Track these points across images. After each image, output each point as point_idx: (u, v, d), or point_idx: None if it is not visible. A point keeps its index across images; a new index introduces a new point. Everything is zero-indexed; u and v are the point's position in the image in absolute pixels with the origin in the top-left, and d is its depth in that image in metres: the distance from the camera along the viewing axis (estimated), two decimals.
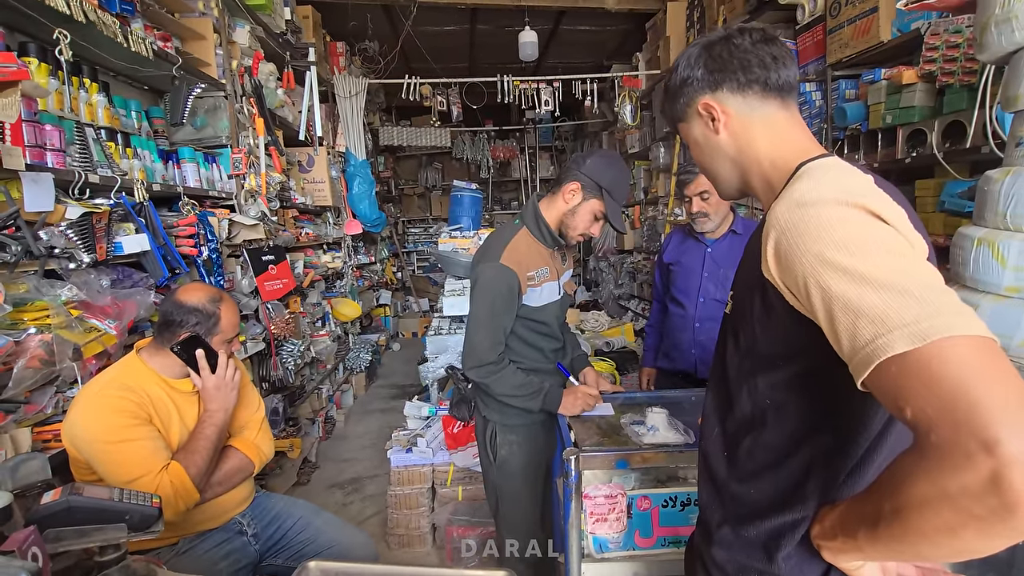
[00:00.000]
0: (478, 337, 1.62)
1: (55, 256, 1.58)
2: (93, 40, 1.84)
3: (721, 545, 0.80)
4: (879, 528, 0.58)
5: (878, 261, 0.56)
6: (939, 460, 0.50)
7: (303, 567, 0.94)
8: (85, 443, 1.36)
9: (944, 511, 0.51)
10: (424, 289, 7.94)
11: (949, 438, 0.49)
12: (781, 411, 0.73)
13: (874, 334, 0.54)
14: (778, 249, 0.64)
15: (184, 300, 1.50)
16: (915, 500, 0.53)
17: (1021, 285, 1.20)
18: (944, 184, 2.14)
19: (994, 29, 1.20)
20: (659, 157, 4.84)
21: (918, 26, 2.17)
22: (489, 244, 1.71)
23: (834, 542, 0.68)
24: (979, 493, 0.47)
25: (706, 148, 0.84)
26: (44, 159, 1.58)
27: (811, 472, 0.71)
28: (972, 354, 0.50)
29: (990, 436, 0.47)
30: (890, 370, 0.53)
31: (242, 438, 1.63)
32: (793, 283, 0.62)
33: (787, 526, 0.72)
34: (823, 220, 0.60)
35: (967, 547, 0.52)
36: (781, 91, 0.78)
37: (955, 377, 0.49)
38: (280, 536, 1.67)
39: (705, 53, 0.81)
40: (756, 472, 0.76)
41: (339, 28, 4.91)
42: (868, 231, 0.58)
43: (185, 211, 2.23)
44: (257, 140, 2.94)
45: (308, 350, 3.48)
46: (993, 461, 0.46)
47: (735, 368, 0.79)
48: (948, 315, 0.52)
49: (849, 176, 0.66)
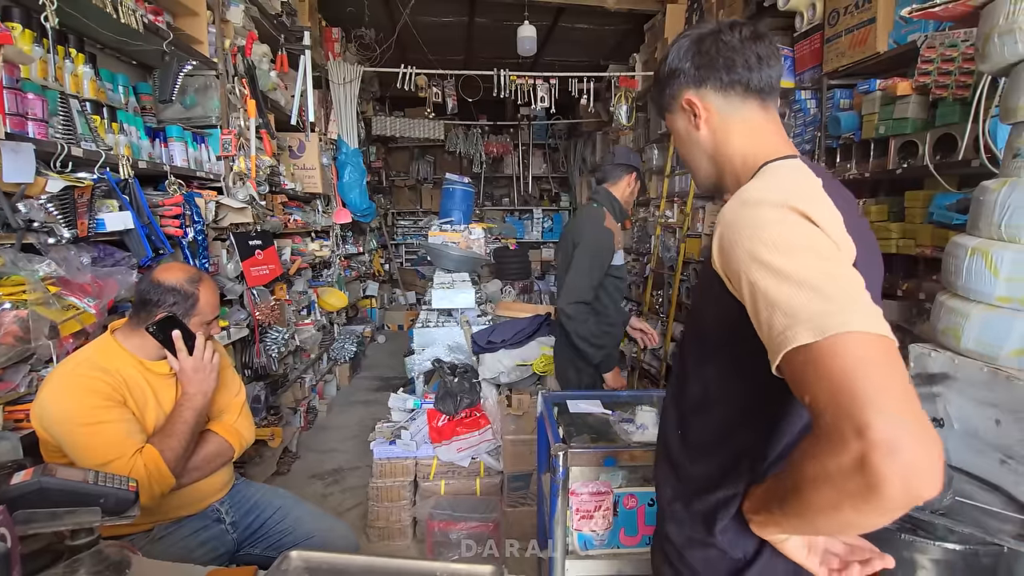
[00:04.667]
0: (582, 281, 2.09)
1: (34, 230, 1.53)
2: (81, 9, 1.78)
3: (673, 520, 0.87)
4: (786, 504, 0.65)
5: (800, 261, 0.61)
6: (824, 442, 0.56)
7: (284, 556, 0.92)
8: (56, 424, 1.31)
9: (826, 488, 0.56)
10: (411, 282, 7.88)
11: (832, 423, 0.54)
12: (724, 394, 0.79)
13: (785, 325, 0.59)
14: (721, 243, 0.69)
15: (162, 279, 1.45)
16: (807, 478, 0.59)
17: (1013, 295, 1.21)
18: (933, 196, 2.17)
19: (997, 40, 1.21)
20: (652, 159, 4.85)
21: (915, 39, 2.19)
22: (589, 215, 2.24)
23: (758, 516, 0.74)
24: (849, 472, 0.53)
25: (687, 141, 0.89)
26: (25, 128, 1.53)
27: (744, 452, 0.78)
28: (863, 350, 0.55)
29: (862, 422, 0.52)
30: (796, 359, 0.58)
31: (221, 422, 1.59)
32: (733, 274, 0.68)
33: (722, 501, 0.79)
34: (759, 220, 0.66)
35: (849, 521, 0.58)
36: (762, 92, 0.82)
37: (843, 369, 0.55)
38: (259, 525, 1.63)
39: (694, 47, 0.83)
40: (701, 450, 0.83)
41: (335, 13, 4.84)
42: (797, 233, 0.63)
43: (171, 191, 2.17)
44: (248, 122, 2.88)
45: (292, 338, 3.42)
46: (862, 444, 0.51)
47: (690, 354, 0.86)
48: (850, 313, 0.57)
49: (796, 179, 0.72)
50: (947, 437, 1.36)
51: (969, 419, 1.31)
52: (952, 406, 1.35)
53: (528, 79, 4.75)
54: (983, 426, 1.28)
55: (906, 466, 0.50)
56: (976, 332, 1.26)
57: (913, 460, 0.50)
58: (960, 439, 1.33)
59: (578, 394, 1.89)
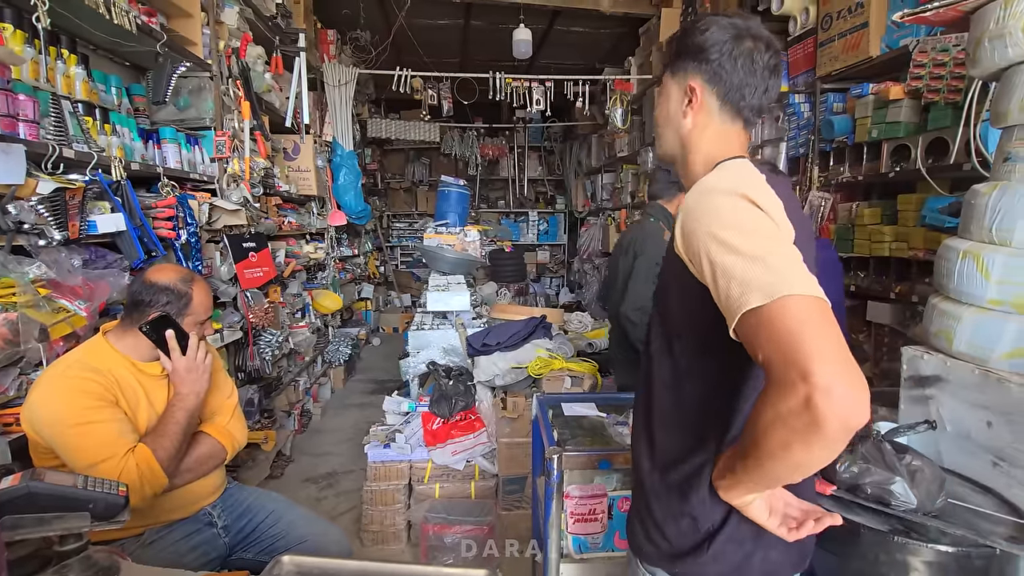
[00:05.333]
0: (647, 290, 2.11)
1: (24, 232, 1.51)
2: (73, 9, 1.77)
3: (652, 493, 0.92)
4: (747, 458, 0.73)
5: (750, 240, 0.71)
6: (775, 390, 0.65)
7: (276, 561, 0.91)
8: (46, 425, 1.29)
9: (779, 430, 0.65)
10: (407, 284, 7.86)
11: (781, 372, 0.64)
12: (689, 371, 0.87)
13: (740, 292, 0.69)
14: (683, 227, 0.78)
15: (155, 279, 1.45)
16: (763, 425, 0.67)
17: (1004, 298, 1.22)
18: (925, 199, 2.18)
19: (987, 44, 1.22)
20: (648, 161, 4.87)
21: (907, 43, 2.21)
22: (650, 230, 2.30)
23: (724, 480, 0.81)
24: (798, 412, 0.62)
25: (669, 112, 0.95)
26: (16, 130, 1.51)
27: (711, 424, 0.86)
28: (804, 310, 0.65)
29: (807, 369, 0.61)
30: (749, 321, 0.68)
31: (214, 424, 1.58)
32: (694, 255, 0.76)
33: (695, 470, 0.86)
34: (715, 205, 0.76)
35: (799, 460, 0.66)
36: (749, 119, 0.91)
37: (787, 327, 0.64)
38: (251, 529, 1.62)
39: (730, 46, 0.87)
40: (672, 424, 0.90)
41: (331, 15, 4.83)
42: (745, 216, 0.73)
43: (164, 192, 2.16)
44: (242, 124, 2.87)
45: (286, 341, 3.41)
46: (807, 387, 0.61)
47: (657, 334, 0.92)
48: (792, 280, 0.67)
49: (743, 173, 0.81)
50: (939, 439, 1.37)
51: (961, 421, 1.32)
52: (944, 408, 1.36)
53: (524, 82, 4.75)
54: (975, 428, 1.28)
55: (841, 404, 0.60)
56: (968, 335, 1.27)
57: (845, 399, 0.60)
58: (952, 441, 1.34)
59: (573, 396, 1.88)
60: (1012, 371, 1.22)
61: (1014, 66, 1.22)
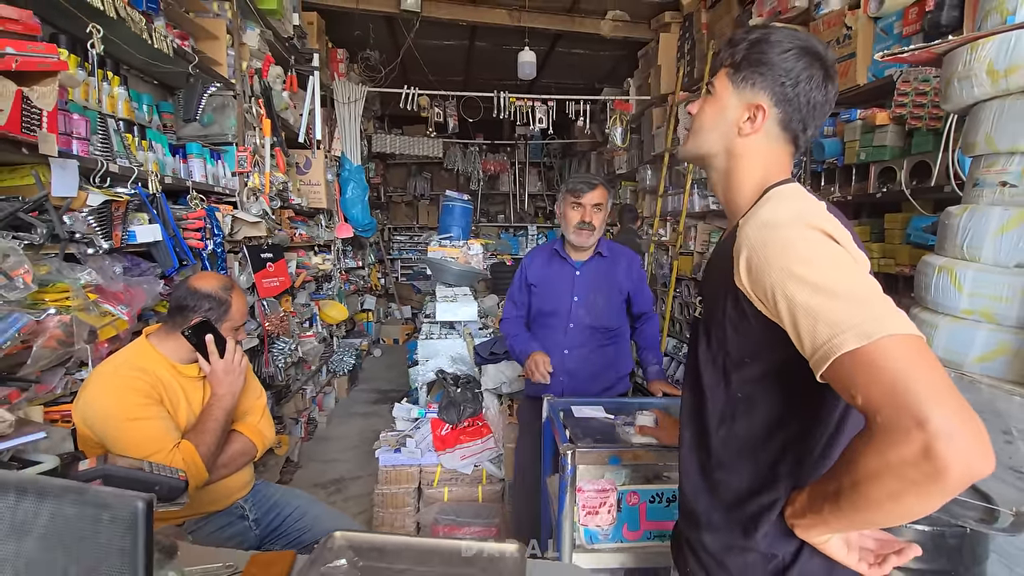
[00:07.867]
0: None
1: (75, 241, 1.63)
2: (121, 36, 1.90)
3: (709, 529, 0.89)
4: (840, 501, 0.68)
5: (832, 275, 0.67)
6: (883, 437, 0.61)
7: (329, 537, 1.01)
8: (100, 420, 1.40)
9: (889, 480, 0.61)
10: (407, 296, 7.97)
11: (891, 418, 0.60)
12: (750, 404, 0.82)
13: (830, 335, 0.64)
14: (749, 263, 0.74)
15: (198, 286, 1.56)
16: (867, 473, 0.63)
17: (975, 308, 1.35)
18: (910, 219, 2.32)
19: (957, 84, 1.36)
20: (646, 179, 5.03)
21: (891, 73, 2.36)
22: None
23: (804, 519, 0.77)
24: (915, 461, 0.58)
25: (720, 121, 0.88)
26: (71, 147, 1.64)
27: (781, 459, 0.81)
28: (906, 350, 0.62)
29: (922, 416, 0.58)
30: (844, 364, 0.63)
31: (246, 423, 1.68)
32: (762, 292, 0.73)
33: (763, 507, 0.82)
34: (787, 240, 0.71)
35: (909, 510, 0.63)
36: (798, 145, 0.89)
37: (894, 369, 0.61)
38: (279, 523, 1.71)
39: (808, 70, 0.83)
40: (733, 460, 0.85)
41: (342, 36, 5.00)
42: (823, 250, 0.70)
43: (193, 205, 2.28)
44: (263, 140, 3.00)
45: (296, 349, 3.51)
46: (924, 435, 0.57)
47: (708, 366, 0.87)
48: (886, 318, 0.63)
49: (806, 202, 0.78)
50: None
51: None
52: None
53: (527, 101, 4.93)
54: None
55: (964, 450, 0.56)
56: (944, 341, 1.40)
57: (968, 443, 0.57)
58: None
59: (582, 400, 1.99)
60: (983, 374, 1.35)
61: (980, 103, 1.36)
